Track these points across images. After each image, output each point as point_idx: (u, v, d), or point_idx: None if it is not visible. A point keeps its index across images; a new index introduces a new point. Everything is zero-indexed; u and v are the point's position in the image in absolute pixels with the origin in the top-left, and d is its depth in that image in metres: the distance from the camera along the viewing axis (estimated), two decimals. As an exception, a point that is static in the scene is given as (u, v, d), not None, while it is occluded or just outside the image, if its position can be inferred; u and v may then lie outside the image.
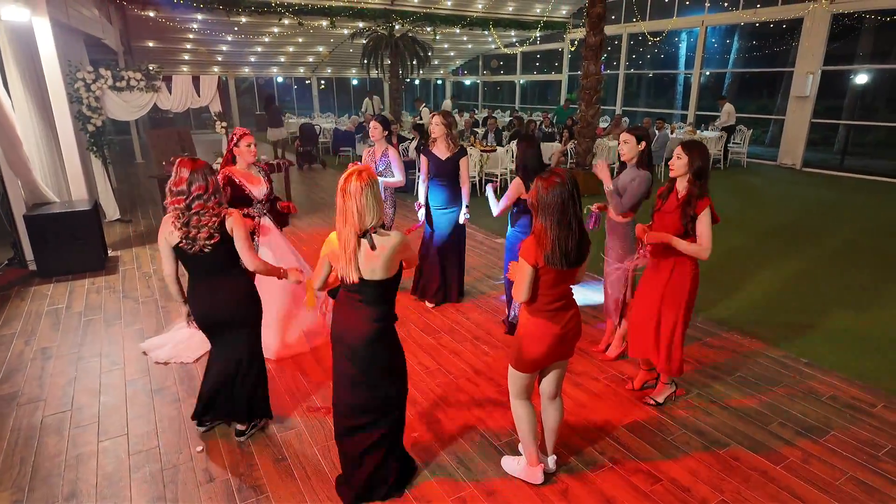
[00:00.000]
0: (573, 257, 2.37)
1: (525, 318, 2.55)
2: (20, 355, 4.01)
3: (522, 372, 2.58)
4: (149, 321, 4.54)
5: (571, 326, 2.54)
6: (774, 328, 4.41)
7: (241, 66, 19.80)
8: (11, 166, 5.26)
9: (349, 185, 2.22)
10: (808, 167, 11.98)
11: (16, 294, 5.11)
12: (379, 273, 2.31)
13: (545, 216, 2.35)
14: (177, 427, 3.19)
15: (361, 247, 2.26)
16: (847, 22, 11.31)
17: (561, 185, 2.31)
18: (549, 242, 2.33)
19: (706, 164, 2.99)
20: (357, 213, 2.21)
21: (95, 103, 6.97)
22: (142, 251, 6.38)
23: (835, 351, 4.05)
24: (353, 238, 2.24)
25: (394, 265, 2.35)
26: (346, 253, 2.25)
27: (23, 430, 3.16)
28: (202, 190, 2.61)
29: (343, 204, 2.23)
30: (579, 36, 16.53)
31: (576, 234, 2.36)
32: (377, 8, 13.72)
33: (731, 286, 5.28)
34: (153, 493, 2.69)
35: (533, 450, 2.70)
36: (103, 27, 9.87)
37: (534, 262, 2.38)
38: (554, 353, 2.53)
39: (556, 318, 2.49)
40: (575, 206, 2.35)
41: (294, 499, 2.64)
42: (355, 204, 2.21)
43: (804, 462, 2.88)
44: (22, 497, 2.67)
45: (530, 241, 2.41)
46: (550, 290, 2.45)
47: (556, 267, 2.36)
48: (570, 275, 2.46)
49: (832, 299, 4.98)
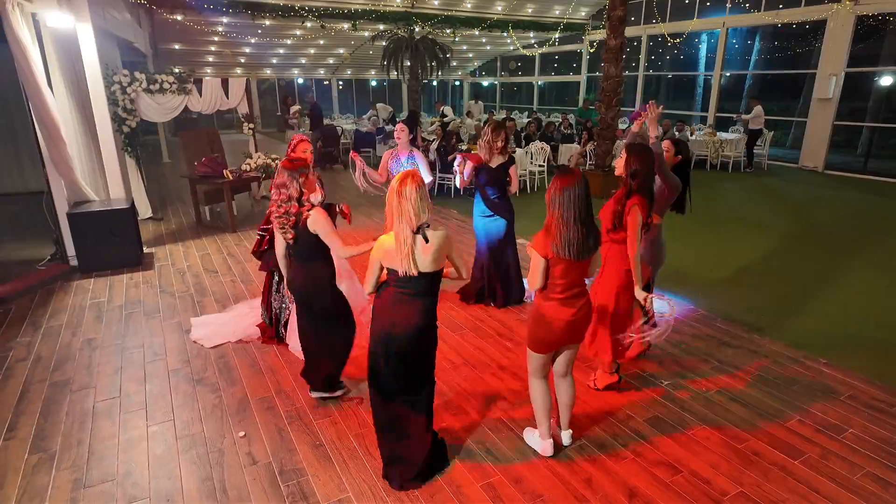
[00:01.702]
0: (580, 250, 2.60)
1: (539, 304, 2.79)
2: (68, 345, 4.24)
3: (536, 352, 2.84)
4: (186, 315, 4.75)
5: (582, 314, 2.78)
6: (791, 327, 4.47)
7: (262, 68, 20.17)
8: (55, 166, 5.52)
9: (405, 187, 2.44)
10: (830, 170, 11.89)
11: (59, 288, 5.37)
12: (431, 265, 2.53)
13: (557, 211, 2.60)
14: (219, 414, 3.38)
15: (417, 243, 2.48)
16: (871, 23, 11.21)
17: (575, 184, 2.57)
18: (559, 236, 2.58)
19: (644, 167, 3.11)
20: (413, 212, 2.43)
21: (130, 105, 7.24)
22: (175, 248, 6.63)
23: (855, 352, 4.10)
24: (410, 235, 2.45)
25: (442, 258, 2.59)
26: (403, 249, 2.46)
27: (77, 415, 3.38)
28: (277, 187, 3.09)
29: (399, 204, 2.44)
30: (598, 37, 16.57)
31: (584, 230, 2.60)
32: (398, 11, 13.91)
33: (753, 287, 5.35)
34: (201, 473, 2.88)
35: (545, 424, 2.95)
36: (134, 31, 10.21)
37: (544, 252, 2.63)
38: (565, 336, 2.78)
39: (567, 305, 2.73)
40: (585, 204, 2.60)
41: (333, 482, 2.81)
42: (410, 204, 2.42)
43: (823, 458, 2.97)
44: (82, 476, 2.87)
45: (542, 234, 2.66)
46: (561, 279, 2.68)
47: (564, 258, 2.60)
48: (579, 266, 2.69)
49: (852, 299, 5.02)
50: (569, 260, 2.62)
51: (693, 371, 3.86)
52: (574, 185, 2.58)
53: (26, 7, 5.13)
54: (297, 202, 3.07)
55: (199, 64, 17.79)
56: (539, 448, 3.00)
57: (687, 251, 6.35)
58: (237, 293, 5.23)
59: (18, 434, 3.20)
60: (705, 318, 4.68)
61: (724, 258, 6.19)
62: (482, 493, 2.73)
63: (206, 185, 7.55)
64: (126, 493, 2.74)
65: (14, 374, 3.84)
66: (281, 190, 3.08)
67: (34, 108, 5.19)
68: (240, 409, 3.43)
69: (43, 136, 5.35)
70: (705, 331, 4.46)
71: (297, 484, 2.80)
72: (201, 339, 4.28)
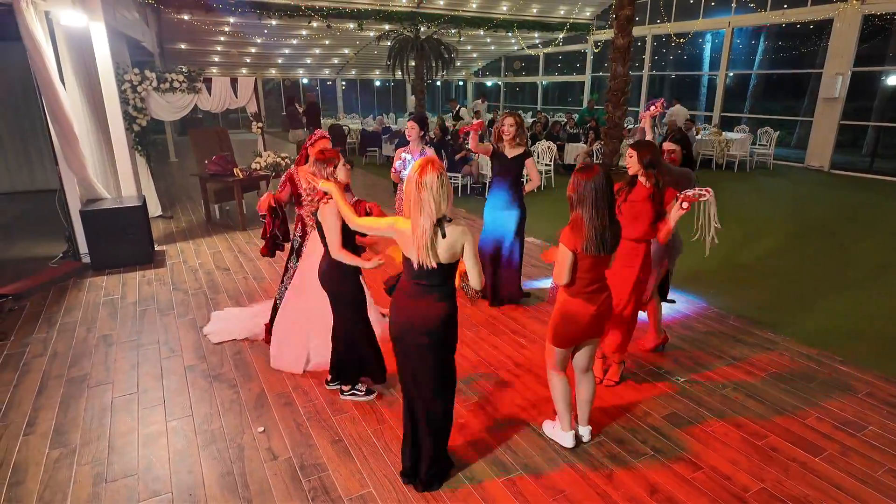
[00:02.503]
0: (609, 245, 2.63)
1: (564, 299, 2.80)
2: (84, 341, 4.26)
3: (560, 347, 2.85)
4: (200, 312, 4.77)
5: (605, 308, 2.81)
6: (803, 324, 4.47)
7: (268, 68, 20.20)
8: (68, 164, 5.54)
9: (425, 176, 2.32)
10: (836, 169, 11.88)
11: (73, 285, 5.39)
12: (448, 257, 2.44)
13: (583, 207, 2.61)
14: (237, 409, 3.39)
15: (437, 234, 2.38)
16: (878, 22, 11.19)
17: (597, 177, 2.59)
18: (587, 231, 2.60)
19: (654, 155, 3.23)
20: (434, 202, 2.32)
21: (141, 104, 7.27)
22: (185, 246, 6.65)
23: (868, 350, 4.10)
24: (430, 226, 2.35)
25: (458, 251, 2.48)
26: (423, 241, 2.36)
27: (96, 410, 3.39)
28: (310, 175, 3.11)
29: (418, 194, 2.33)
30: (603, 38, 16.57)
31: (609, 223, 2.63)
32: (404, 10, 13.93)
33: (764, 285, 5.35)
34: (222, 468, 2.89)
35: (566, 417, 2.97)
36: (143, 30, 10.24)
37: (573, 247, 2.65)
38: (589, 330, 2.80)
39: (592, 300, 2.76)
40: (609, 197, 2.62)
41: (354, 477, 2.81)
42: (432, 193, 2.32)
43: (842, 454, 2.97)
44: (103, 470, 2.88)
45: (569, 229, 2.67)
46: (587, 273, 2.71)
47: (592, 254, 2.62)
48: (604, 260, 2.73)
49: (862, 298, 5.02)
50: (596, 255, 2.64)
51: (708, 367, 3.86)
52: (596, 177, 2.60)
53: (40, 5, 5.15)
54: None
55: (204, 63, 17.81)
56: (560, 440, 3.03)
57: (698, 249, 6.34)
58: (250, 290, 5.24)
59: (38, 429, 3.22)
60: (718, 316, 4.68)
61: (733, 256, 6.19)
62: (503, 489, 2.73)
63: (217, 184, 7.56)
64: (148, 488, 2.75)
65: (32, 370, 3.85)
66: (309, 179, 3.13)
67: (48, 106, 5.21)
68: (257, 404, 3.44)
69: (56, 133, 5.37)
70: (718, 328, 4.46)
71: (319, 479, 2.80)
72: (210, 334, 4.31)
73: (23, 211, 8.24)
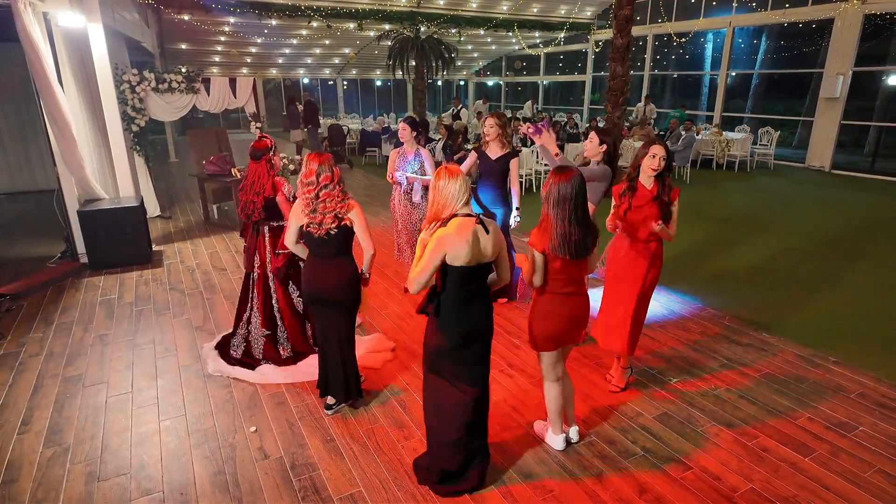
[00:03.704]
0: (574, 250, 2.60)
1: (540, 300, 2.81)
2: (80, 341, 4.28)
3: (545, 351, 2.85)
4: (196, 312, 4.79)
5: (581, 312, 2.83)
6: (799, 325, 4.47)
7: (268, 68, 20.23)
8: (66, 164, 5.56)
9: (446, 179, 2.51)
10: (837, 169, 11.85)
11: (70, 285, 5.41)
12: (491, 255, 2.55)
13: (553, 208, 2.60)
14: (230, 409, 3.40)
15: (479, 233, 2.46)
16: (879, 22, 11.16)
17: (571, 181, 2.57)
18: (554, 233, 2.60)
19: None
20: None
21: (139, 104, 7.29)
22: (183, 246, 6.67)
23: (863, 351, 4.10)
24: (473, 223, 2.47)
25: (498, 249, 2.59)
26: (470, 238, 2.44)
27: (90, 409, 3.41)
28: (328, 180, 3.00)
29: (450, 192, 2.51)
30: (604, 37, 16.55)
31: (579, 228, 2.60)
32: (404, 10, 13.94)
33: (760, 285, 5.34)
34: (213, 467, 2.90)
35: (558, 422, 3.01)
36: (142, 31, 10.28)
37: (541, 249, 2.65)
38: (570, 330, 2.81)
39: (566, 301, 2.76)
40: (581, 203, 2.60)
41: (344, 477, 2.83)
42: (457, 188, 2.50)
43: (833, 455, 2.97)
44: (96, 469, 2.90)
45: (536, 230, 2.68)
46: (559, 275, 2.71)
47: (560, 256, 2.61)
48: (576, 264, 2.70)
49: (859, 299, 5.01)
50: (563, 257, 2.62)
51: (701, 368, 3.86)
52: (569, 181, 2.57)
53: (38, 6, 5.17)
54: (340, 189, 3.03)
55: (205, 64, 17.87)
56: (550, 441, 3.05)
57: (694, 249, 6.35)
58: (246, 290, 5.26)
59: (33, 427, 3.24)
60: (713, 316, 4.68)
61: (730, 256, 6.19)
62: (493, 489, 2.74)
63: (215, 184, 7.59)
64: (140, 486, 2.77)
65: (27, 369, 3.88)
66: (340, 185, 3.05)
67: (46, 107, 5.23)
68: (251, 404, 3.46)
69: (54, 134, 5.39)
70: (713, 328, 4.46)
71: (310, 478, 2.82)
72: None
73: (22, 211, 8.28)
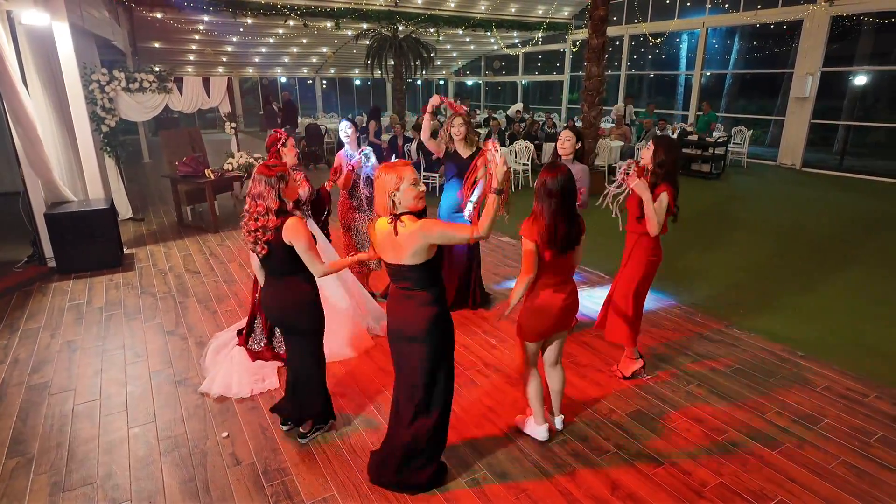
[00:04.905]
0: (559, 243, 2.70)
1: (532, 294, 2.86)
2: (47, 347, 4.18)
3: (530, 342, 2.92)
4: (168, 316, 4.70)
5: (571, 300, 2.89)
6: (769, 321, 4.56)
7: (244, 67, 19.96)
8: (32, 166, 5.42)
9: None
10: (807, 167, 12.13)
11: (37, 290, 5.27)
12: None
13: (543, 202, 2.70)
14: (202, 414, 3.35)
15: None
16: (846, 24, 11.45)
17: (559, 178, 2.68)
18: (544, 227, 2.69)
19: (671, 157, 3.33)
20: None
21: (109, 104, 7.13)
22: (156, 249, 6.55)
23: (831, 345, 4.20)
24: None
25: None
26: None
27: (56, 418, 3.33)
28: (254, 198, 2.73)
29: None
30: (581, 37, 16.69)
31: (567, 222, 2.70)
32: (381, 10, 13.87)
33: (731, 283, 5.44)
34: (183, 475, 2.86)
35: (540, 411, 3.04)
36: (113, 29, 10.04)
37: (532, 239, 2.72)
38: (558, 323, 2.88)
39: (559, 291, 2.83)
40: (568, 199, 2.70)
41: (318, 481, 2.80)
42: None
43: (799, 448, 3.04)
44: (60, 479, 2.83)
45: (528, 221, 2.76)
46: (551, 266, 2.78)
47: (549, 249, 2.70)
48: (563, 257, 2.79)
49: (828, 294, 5.14)
50: (553, 250, 2.72)
51: (673, 364, 3.92)
52: (558, 178, 2.68)
53: (1, 5, 5.03)
54: (274, 214, 2.71)
55: (180, 63, 17.54)
56: (534, 433, 3.09)
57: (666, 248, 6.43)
58: (220, 294, 5.18)
59: (-5, 438, 3.15)
60: (684, 313, 4.76)
61: (702, 254, 6.29)
62: (466, 488, 2.75)
63: (188, 185, 7.46)
64: (107, 496, 2.71)
65: (-10, 378, 3.77)
66: (258, 201, 2.71)
67: (9, 108, 5.09)
68: (223, 409, 3.41)
69: (19, 135, 5.25)
70: (685, 325, 4.54)
71: (282, 483, 2.79)
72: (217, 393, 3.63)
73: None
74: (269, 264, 2.88)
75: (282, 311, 2.93)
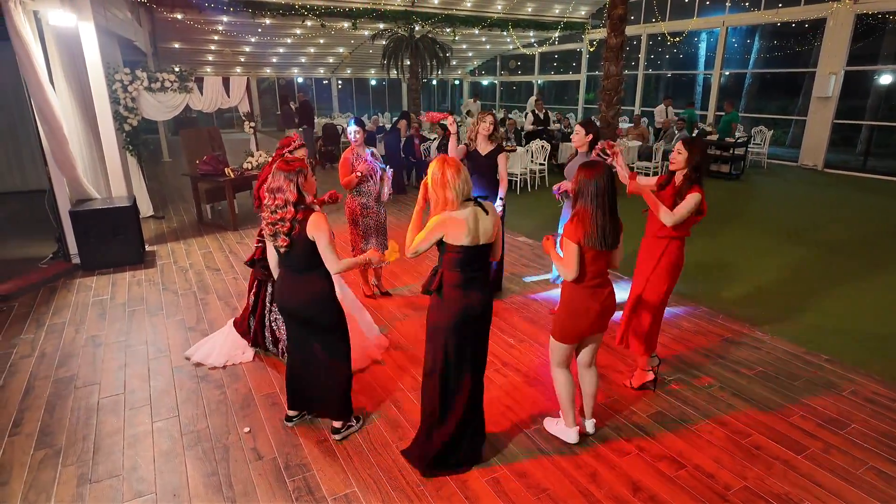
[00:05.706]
0: (609, 241, 2.68)
1: (570, 295, 2.85)
2: (72, 342, 4.25)
3: (566, 343, 2.88)
4: (189, 313, 4.76)
5: (609, 302, 2.85)
6: (792, 324, 4.49)
7: (262, 67, 20.16)
8: (58, 164, 5.52)
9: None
10: (829, 168, 11.92)
11: (62, 286, 5.37)
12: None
13: (587, 201, 2.67)
14: (224, 410, 3.39)
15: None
16: (871, 22, 11.23)
17: (600, 175, 2.65)
18: (588, 225, 2.66)
19: (704, 159, 3.25)
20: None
21: (132, 104, 7.24)
22: (177, 246, 6.64)
23: (856, 349, 4.12)
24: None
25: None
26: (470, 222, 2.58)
27: (82, 411, 3.38)
28: (272, 192, 2.78)
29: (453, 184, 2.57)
30: (598, 36, 16.58)
31: (611, 220, 2.68)
32: (398, 10, 13.91)
33: (754, 284, 5.37)
34: (207, 469, 2.89)
35: (570, 413, 3.01)
36: (135, 29, 10.21)
37: (577, 240, 2.69)
38: (595, 325, 2.84)
39: (597, 294, 2.80)
40: (610, 194, 2.67)
41: (339, 477, 2.82)
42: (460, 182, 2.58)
43: (825, 452, 2.99)
44: (87, 471, 2.88)
45: (572, 223, 2.73)
46: (590, 266, 2.76)
47: (594, 248, 2.68)
48: (606, 255, 2.76)
49: (852, 297, 5.04)
50: (597, 249, 2.70)
51: (695, 367, 3.87)
52: (601, 175, 2.66)
53: (28, 5, 5.13)
54: (293, 207, 2.74)
55: (199, 63, 17.76)
56: (564, 436, 3.07)
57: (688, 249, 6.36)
58: (240, 290, 5.23)
59: (24, 430, 3.21)
60: (707, 315, 4.70)
61: (723, 255, 6.21)
62: (487, 488, 2.74)
63: (208, 183, 7.55)
64: (132, 488, 2.76)
65: (18, 371, 3.85)
66: (276, 195, 2.74)
67: (36, 107, 5.19)
68: (244, 405, 3.44)
69: (45, 134, 5.35)
70: (707, 327, 4.48)
71: (303, 479, 2.81)
72: (215, 363, 3.91)
73: (14, 211, 8.21)
74: (289, 259, 2.88)
75: (300, 306, 2.92)
